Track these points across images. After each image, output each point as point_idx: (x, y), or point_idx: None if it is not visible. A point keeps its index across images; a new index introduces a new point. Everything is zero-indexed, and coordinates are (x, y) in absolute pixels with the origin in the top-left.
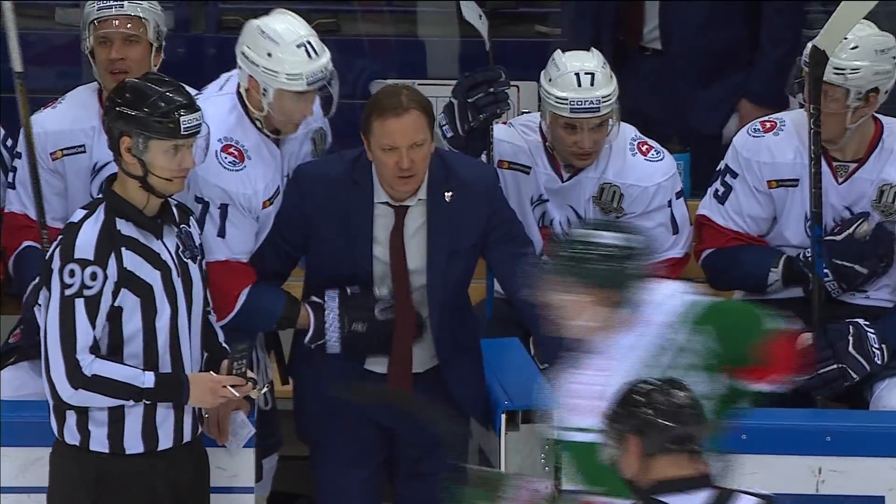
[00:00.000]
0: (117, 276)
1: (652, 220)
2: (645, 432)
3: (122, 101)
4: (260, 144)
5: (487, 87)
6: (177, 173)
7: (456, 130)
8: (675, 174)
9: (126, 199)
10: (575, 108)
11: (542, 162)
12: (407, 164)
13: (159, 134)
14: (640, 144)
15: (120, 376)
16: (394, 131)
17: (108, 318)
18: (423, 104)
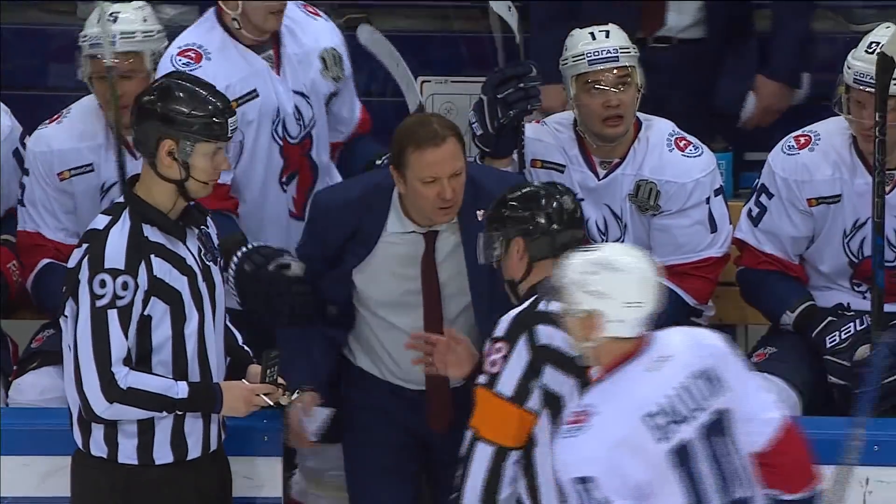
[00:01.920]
0: (147, 284)
1: (689, 218)
2: (533, 235)
3: (167, 102)
4: (228, 46)
5: (517, 83)
6: (214, 176)
7: (485, 127)
8: (715, 170)
9: (151, 203)
10: (593, 60)
11: (576, 160)
12: (450, 194)
13: (207, 136)
14: (677, 140)
15: (154, 388)
16: (435, 162)
17: (137, 328)
18: (455, 130)
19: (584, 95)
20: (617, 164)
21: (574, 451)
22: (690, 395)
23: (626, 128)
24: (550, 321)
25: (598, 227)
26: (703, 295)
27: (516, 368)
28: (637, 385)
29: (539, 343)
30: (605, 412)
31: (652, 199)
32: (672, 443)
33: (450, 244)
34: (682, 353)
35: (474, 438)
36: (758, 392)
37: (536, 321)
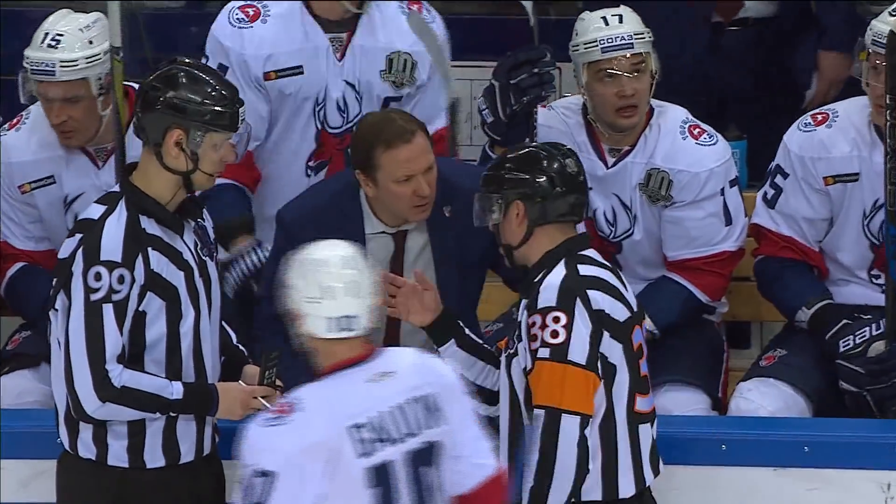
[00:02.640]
0: (144, 278)
1: (702, 210)
2: (533, 199)
3: (176, 90)
4: (294, 14)
5: (531, 68)
6: (220, 168)
7: (497, 115)
8: (730, 160)
9: (149, 193)
10: (606, 48)
11: (584, 147)
12: (426, 189)
13: (219, 126)
14: (691, 127)
15: (148, 387)
16: (409, 160)
17: (131, 324)
18: (420, 123)
19: (597, 84)
20: (627, 152)
21: (265, 441)
22: (405, 417)
23: (640, 117)
24: (597, 285)
25: (607, 217)
26: (716, 291)
27: (583, 335)
28: (351, 393)
29: (596, 307)
30: (311, 411)
31: (664, 189)
32: (373, 460)
33: (418, 244)
34: (407, 374)
35: (556, 413)
36: (477, 437)
37: (585, 286)
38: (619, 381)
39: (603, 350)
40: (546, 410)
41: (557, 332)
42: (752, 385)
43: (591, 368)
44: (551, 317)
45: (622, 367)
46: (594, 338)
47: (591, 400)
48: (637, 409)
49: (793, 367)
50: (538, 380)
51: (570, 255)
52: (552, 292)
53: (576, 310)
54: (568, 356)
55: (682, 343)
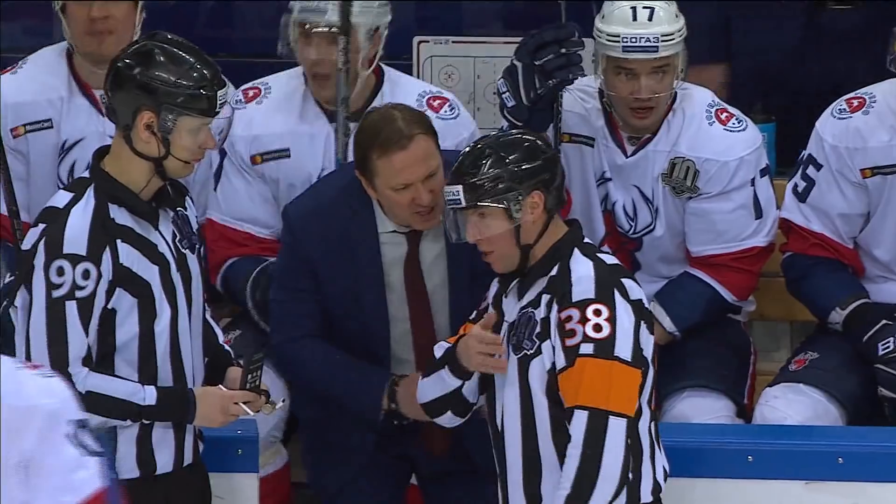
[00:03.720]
0: (112, 273)
1: (731, 202)
2: (551, 184)
3: (148, 68)
4: (295, 96)
5: (558, 48)
6: (197, 155)
7: (519, 99)
8: (761, 147)
9: (121, 180)
10: (628, 47)
11: (602, 133)
12: (426, 199)
13: (193, 110)
14: (718, 112)
15: (118, 392)
16: (404, 168)
17: (100, 323)
18: (424, 122)
19: (614, 78)
20: (648, 140)
21: None
22: None
23: (657, 119)
24: (626, 274)
25: (626, 211)
26: (744, 290)
27: (627, 328)
28: None
29: (634, 298)
30: None
31: (689, 179)
32: None
33: (437, 246)
34: None
35: (602, 416)
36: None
37: (618, 275)
38: (649, 378)
39: (641, 344)
40: (590, 412)
41: (601, 325)
42: (778, 391)
43: (637, 365)
44: (592, 309)
45: (650, 363)
46: (636, 330)
47: (637, 400)
48: (652, 405)
49: (825, 372)
50: (579, 378)
51: (581, 245)
52: (588, 283)
53: (616, 301)
54: (614, 352)
55: (705, 345)
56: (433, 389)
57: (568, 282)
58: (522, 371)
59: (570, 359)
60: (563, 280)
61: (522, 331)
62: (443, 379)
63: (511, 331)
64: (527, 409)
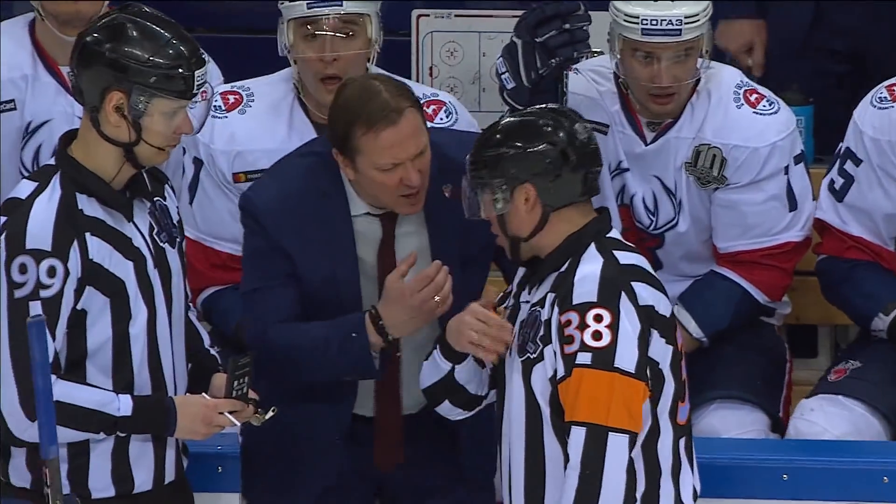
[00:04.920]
0: (81, 270)
1: (763, 192)
2: (547, 178)
3: (118, 44)
4: (282, 108)
5: (561, 24)
6: (172, 141)
7: (519, 80)
8: (794, 132)
9: (90, 168)
10: (648, 30)
11: (619, 119)
12: (416, 179)
13: (167, 92)
14: (747, 93)
15: (89, 402)
16: (394, 145)
17: (69, 325)
18: (410, 95)
19: (632, 60)
20: (670, 125)
21: None
22: None
23: (679, 105)
24: (640, 276)
25: (646, 204)
26: (777, 289)
27: (631, 336)
28: None
29: (643, 303)
30: None
31: (715, 168)
32: None
33: (412, 229)
34: None
35: (600, 432)
36: None
37: (628, 277)
38: (666, 392)
39: (652, 354)
40: (588, 428)
41: (600, 332)
42: (815, 403)
43: (641, 377)
44: (592, 315)
45: (669, 374)
46: (643, 339)
47: (640, 415)
48: (678, 420)
49: (868, 383)
50: (576, 391)
51: (599, 240)
52: (591, 285)
53: (621, 306)
54: (614, 362)
55: (736, 351)
56: (430, 373)
57: (571, 281)
58: (526, 376)
59: (567, 368)
60: (568, 279)
61: (528, 332)
62: (436, 363)
63: (520, 329)
64: (531, 416)
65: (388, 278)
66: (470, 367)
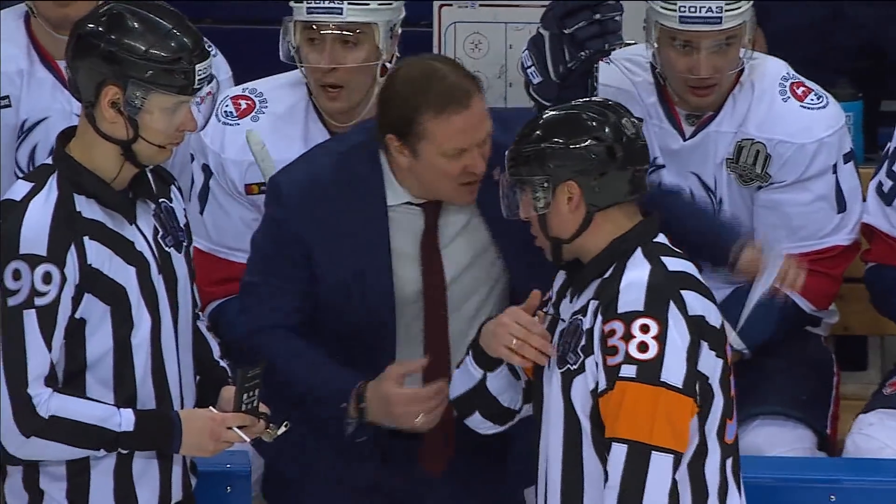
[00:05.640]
0: (79, 276)
1: (809, 192)
2: (591, 175)
3: (114, 35)
4: (298, 111)
5: (591, 14)
6: (173, 138)
7: (546, 74)
8: (843, 128)
9: (89, 167)
10: (686, 17)
11: (655, 112)
12: (481, 166)
13: (167, 87)
14: (793, 85)
15: (89, 417)
16: (465, 129)
17: (67, 335)
18: (473, 77)
19: (669, 50)
20: (710, 119)
21: None
22: None
23: (720, 97)
24: (690, 284)
25: None
26: (824, 297)
27: (679, 349)
28: None
29: (693, 313)
30: None
31: (759, 165)
32: None
33: (459, 220)
34: None
35: (643, 450)
36: None
37: (677, 285)
38: (715, 409)
39: (701, 368)
40: (630, 446)
41: (647, 344)
42: (874, 418)
43: (689, 393)
44: (638, 325)
45: (718, 390)
46: (692, 352)
47: (686, 433)
48: (726, 438)
49: None
50: (618, 405)
51: (646, 244)
52: (638, 292)
53: (669, 316)
54: (661, 376)
55: (780, 364)
56: (461, 383)
57: (616, 288)
58: (566, 388)
59: (610, 381)
60: (612, 285)
61: (568, 341)
62: (468, 369)
63: (560, 339)
64: (570, 430)
65: (386, 381)
66: (503, 377)
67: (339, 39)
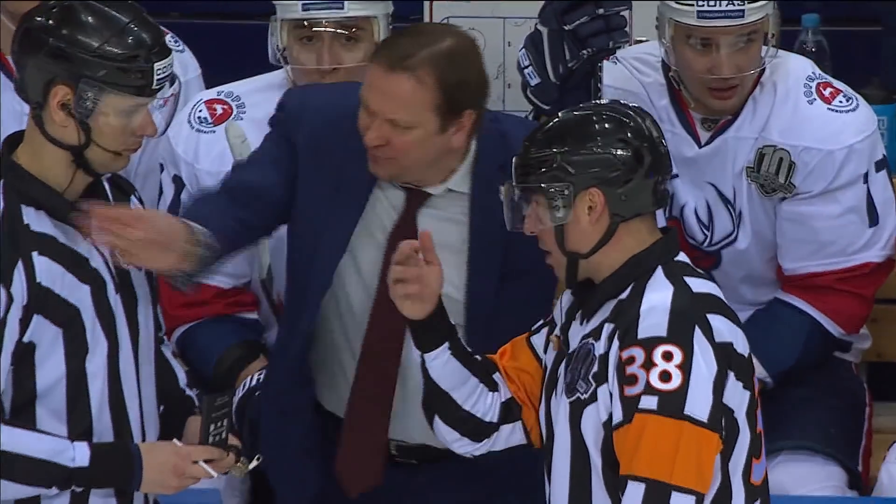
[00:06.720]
0: (27, 296)
1: (837, 204)
2: (617, 183)
3: (64, 30)
4: None
5: (594, 9)
6: (130, 144)
7: (545, 75)
8: (875, 133)
9: (38, 176)
10: (705, 12)
11: (666, 115)
12: (370, 137)
13: (122, 87)
14: (820, 86)
15: (38, 451)
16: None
17: (14, 361)
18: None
19: (685, 49)
20: (728, 123)
21: None
22: None
23: (741, 99)
24: (716, 307)
25: (699, 216)
26: (854, 320)
27: (705, 379)
28: None
29: (720, 340)
30: None
31: (782, 174)
32: None
33: (442, 216)
34: None
35: (663, 490)
36: None
37: (703, 308)
38: (740, 445)
39: (726, 401)
40: (647, 485)
41: (669, 373)
42: None
43: (715, 428)
44: (660, 352)
45: (744, 425)
46: (718, 383)
47: (711, 472)
48: (752, 479)
49: None
50: (637, 440)
51: (667, 263)
52: (660, 317)
53: (695, 342)
54: (685, 409)
55: (806, 394)
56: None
57: (636, 311)
58: (574, 419)
59: (627, 413)
60: (631, 308)
61: (578, 367)
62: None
63: (568, 364)
64: (578, 464)
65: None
66: (446, 362)
67: (338, 37)
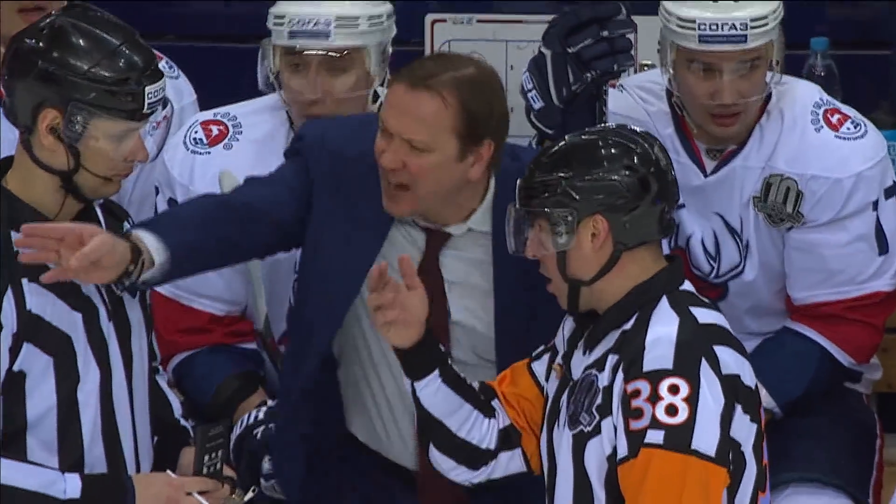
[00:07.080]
0: (17, 323)
1: (846, 232)
2: (622, 210)
3: (54, 52)
4: (276, 139)
5: (599, 31)
6: (121, 169)
7: (548, 99)
8: (885, 160)
9: (27, 201)
10: (706, 36)
11: (672, 144)
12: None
13: (112, 111)
14: (828, 112)
15: (28, 484)
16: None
17: (4, 390)
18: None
19: (687, 74)
20: (734, 152)
21: None
22: None
23: (745, 127)
24: (723, 338)
25: (706, 247)
26: (865, 349)
27: (712, 413)
28: None
29: (727, 372)
30: None
31: (790, 203)
32: None
33: (465, 257)
34: None
35: None
36: None
37: (710, 340)
38: (746, 480)
39: (734, 434)
40: None
41: (676, 407)
42: None
43: (722, 462)
44: (666, 385)
45: (751, 458)
46: (726, 417)
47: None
48: None
49: None
50: (642, 475)
51: (672, 293)
52: (666, 349)
53: (701, 375)
54: (692, 444)
55: (815, 425)
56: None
57: (641, 343)
58: (578, 452)
59: (633, 447)
60: (636, 339)
61: (582, 398)
62: None
63: (570, 395)
64: (581, 498)
65: None
66: (437, 390)
67: (325, 65)
